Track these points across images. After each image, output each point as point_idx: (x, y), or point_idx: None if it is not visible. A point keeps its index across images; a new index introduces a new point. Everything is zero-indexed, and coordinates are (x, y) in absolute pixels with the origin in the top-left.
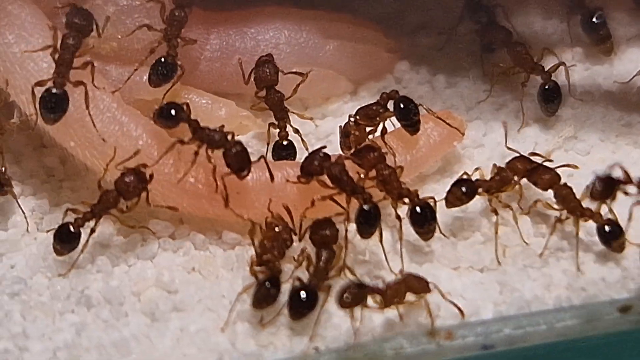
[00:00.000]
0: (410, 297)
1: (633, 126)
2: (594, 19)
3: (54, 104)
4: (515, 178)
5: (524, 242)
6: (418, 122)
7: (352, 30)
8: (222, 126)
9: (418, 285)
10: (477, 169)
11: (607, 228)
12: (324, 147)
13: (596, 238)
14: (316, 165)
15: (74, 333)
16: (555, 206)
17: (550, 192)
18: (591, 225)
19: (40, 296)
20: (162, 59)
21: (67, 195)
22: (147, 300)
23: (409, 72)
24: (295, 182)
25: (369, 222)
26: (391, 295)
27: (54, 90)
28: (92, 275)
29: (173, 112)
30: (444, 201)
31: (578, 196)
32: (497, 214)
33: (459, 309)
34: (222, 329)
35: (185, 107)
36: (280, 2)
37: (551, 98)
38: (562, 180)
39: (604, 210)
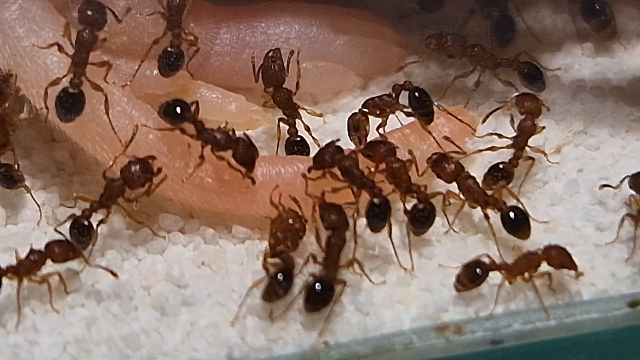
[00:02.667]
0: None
1: None
2: (595, 5)
3: (70, 105)
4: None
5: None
6: (432, 112)
7: (362, 25)
8: (225, 126)
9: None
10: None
11: (511, 215)
12: (338, 139)
13: (606, 233)
14: (328, 157)
15: (84, 327)
16: None
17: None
18: (600, 220)
19: None
20: (168, 49)
21: (77, 189)
22: (156, 294)
23: (419, 67)
24: (308, 178)
25: (379, 216)
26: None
27: (71, 90)
28: (102, 269)
29: (179, 109)
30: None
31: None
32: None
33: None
34: (232, 323)
35: (194, 106)
36: None
37: (534, 78)
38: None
39: None
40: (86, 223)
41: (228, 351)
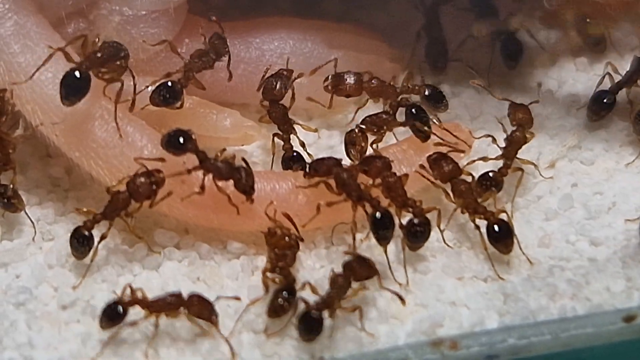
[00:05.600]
0: None
1: (637, 136)
2: (587, 20)
3: (75, 86)
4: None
5: (523, 253)
6: (429, 129)
7: (356, 40)
8: (228, 155)
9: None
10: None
11: (496, 227)
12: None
13: (601, 248)
14: (325, 166)
15: (80, 343)
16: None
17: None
18: (595, 235)
19: (46, 306)
20: (170, 84)
21: (72, 205)
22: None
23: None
24: (301, 187)
25: (384, 228)
26: None
27: (78, 73)
28: (97, 285)
29: (181, 140)
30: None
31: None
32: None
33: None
34: (228, 339)
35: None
36: (285, 12)
37: (436, 99)
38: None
39: None
40: (87, 233)
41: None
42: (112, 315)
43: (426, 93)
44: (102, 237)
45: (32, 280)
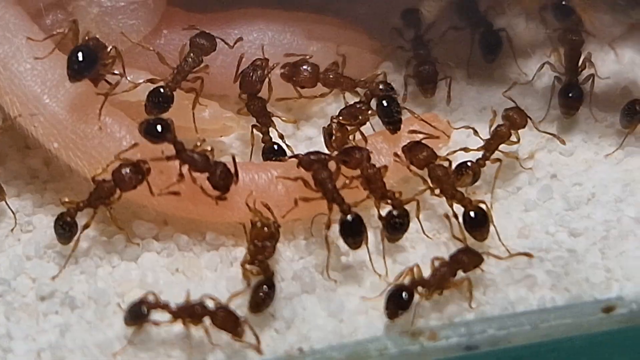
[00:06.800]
0: None
1: (616, 127)
2: (563, 2)
3: (83, 60)
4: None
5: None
6: (400, 121)
7: (336, 31)
8: (206, 149)
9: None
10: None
11: (472, 214)
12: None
13: (580, 239)
14: (308, 161)
15: (58, 334)
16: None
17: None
18: (574, 226)
19: (24, 297)
20: (161, 89)
21: (51, 196)
22: (131, 301)
23: (393, 73)
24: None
25: (354, 233)
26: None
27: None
28: (76, 276)
29: (159, 128)
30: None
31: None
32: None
33: None
34: (207, 330)
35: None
36: (264, 4)
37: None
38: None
39: None
40: (70, 219)
41: (202, 357)
42: (136, 314)
43: (380, 87)
44: (85, 226)
45: (10, 272)
